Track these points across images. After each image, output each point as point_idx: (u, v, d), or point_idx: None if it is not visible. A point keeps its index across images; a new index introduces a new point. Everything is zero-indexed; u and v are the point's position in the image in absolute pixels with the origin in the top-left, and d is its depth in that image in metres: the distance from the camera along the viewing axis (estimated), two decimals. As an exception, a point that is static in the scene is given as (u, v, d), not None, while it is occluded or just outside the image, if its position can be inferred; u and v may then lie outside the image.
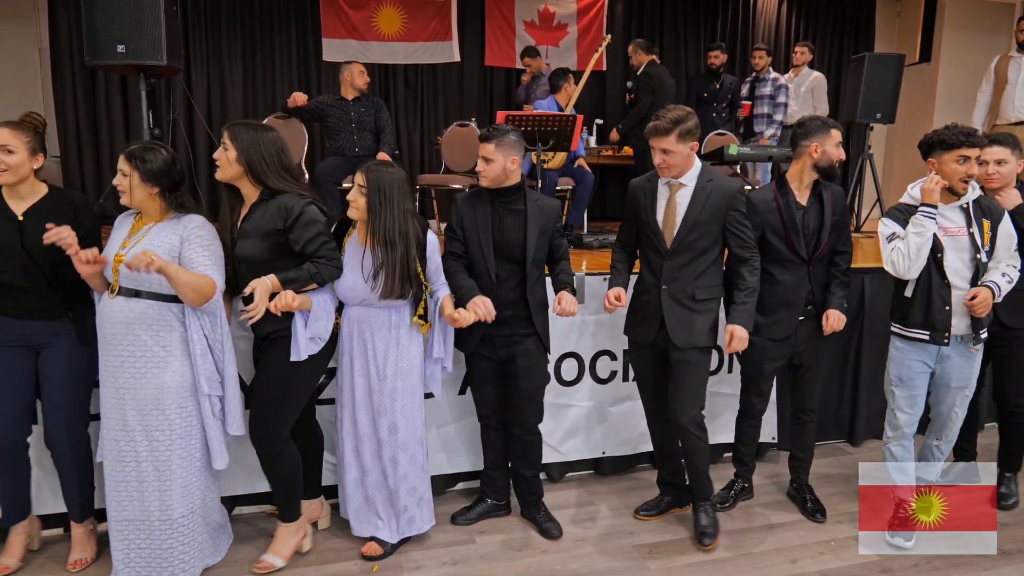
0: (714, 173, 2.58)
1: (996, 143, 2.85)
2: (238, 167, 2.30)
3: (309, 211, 2.32)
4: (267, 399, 2.40)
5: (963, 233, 2.55)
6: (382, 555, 2.59)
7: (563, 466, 3.30)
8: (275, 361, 2.37)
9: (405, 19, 6.86)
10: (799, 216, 2.67)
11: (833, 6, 8.01)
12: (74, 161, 6.18)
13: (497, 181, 2.56)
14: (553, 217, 2.64)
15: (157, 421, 2.23)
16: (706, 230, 2.53)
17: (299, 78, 6.72)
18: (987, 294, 2.51)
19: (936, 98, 7.63)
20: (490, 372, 2.71)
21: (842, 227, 2.74)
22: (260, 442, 2.42)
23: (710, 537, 2.70)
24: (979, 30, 7.58)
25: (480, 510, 2.90)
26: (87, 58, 3.55)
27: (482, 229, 2.58)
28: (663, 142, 2.46)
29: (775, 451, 3.53)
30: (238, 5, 6.44)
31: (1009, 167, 2.84)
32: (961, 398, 2.71)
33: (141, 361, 2.21)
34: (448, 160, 5.37)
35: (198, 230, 2.26)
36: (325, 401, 2.88)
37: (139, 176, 2.19)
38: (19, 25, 6.16)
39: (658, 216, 2.57)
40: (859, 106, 5.26)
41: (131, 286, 2.19)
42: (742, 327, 2.55)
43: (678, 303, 2.57)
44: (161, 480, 2.26)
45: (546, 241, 2.64)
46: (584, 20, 7.31)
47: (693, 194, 2.53)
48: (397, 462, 2.55)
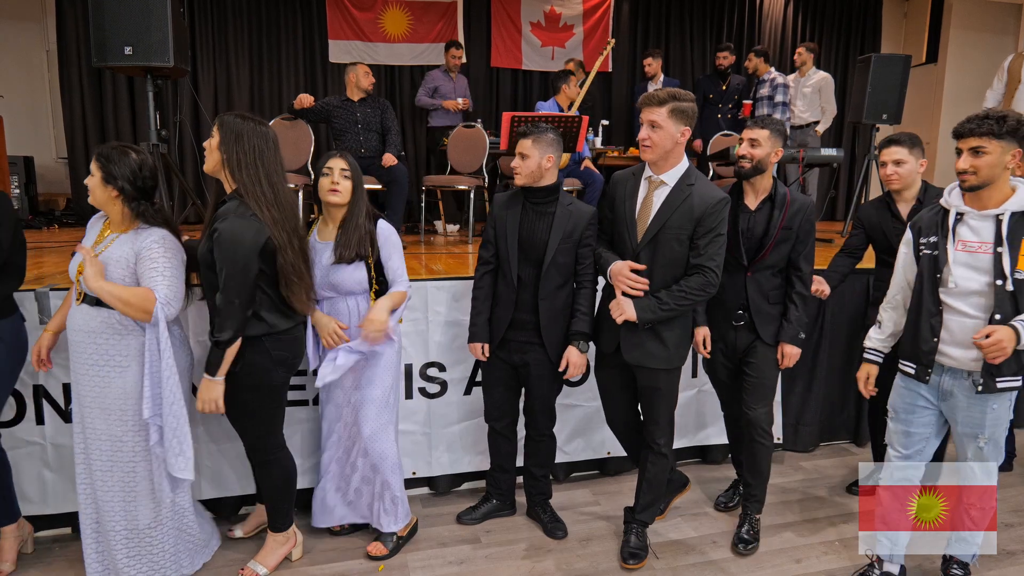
0: (700, 178, 2.37)
1: (894, 143, 2.80)
2: (217, 155, 2.19)
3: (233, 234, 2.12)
4: (247, 414, 2.35)
5: (985, 251, 2.05)
6: (387, 555, 2.61)
7: (568, 466, 3.31)
8: (232, 383, 2.25)
9: (411, 20, 6.88)
10: (744, 219, 2.59)
11: (839, 7, 7.99)
12: (81, 162, 6.21)
13: (532, 178, 2.51)
14: (583, 223, 2.51)
15: (121, 429, 2.19)
16: (675, 236, 2.31)
17: (305, 79, 6.75)
18: (1007, 336, 1.94)
19: (943, 99, 7.61)
20: (502, 375, 2.70)
21: (801, 241, 2.57)
22: (251, 453, 2.42)
23: (637, 558, 2.58)
24: (986, 30, 7.56)
25: (485, 509, 2.90)
26: (94, 59, 3.57)
27: (510, 228, 2.57)
28: (653, 113, 2.26)
29: (779, 451, 3.53)
30: (244, 7, 6.47)
31: (908, 167, 2.79)
32: (974, 449, 2.21)
33: (105, 369, 2.16)
34: (454, 161, 5.38)
35: (153, 244, 2.14)
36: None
37: (101, 176, 2.12)
38: (27, 27, 6.20)
39: (635, 212, 2.39)
40: (865, 107, 5.25)
41: (94, 294, 2.14)
42: (634, 308, 2.32)
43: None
44: (127, 490, 2.23)
45: (572, 247, 2.52)
46: (590, 21, 7.31)
47: (670, 194, 2.34)
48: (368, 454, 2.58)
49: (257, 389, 2.30)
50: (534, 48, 7.24)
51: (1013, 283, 2.01)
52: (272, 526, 2.53)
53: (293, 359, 2.38)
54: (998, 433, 2.18)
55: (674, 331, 2.42)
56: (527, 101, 7.25)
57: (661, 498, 2.71)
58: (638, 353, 2.42)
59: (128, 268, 2.13)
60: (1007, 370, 2.07)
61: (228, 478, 2.84)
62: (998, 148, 2.00)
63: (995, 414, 2.14)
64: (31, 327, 2.53)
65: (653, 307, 2.33)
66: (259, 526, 2.73)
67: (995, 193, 2.04)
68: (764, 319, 2.62)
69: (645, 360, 2.42)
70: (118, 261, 2.13)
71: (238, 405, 2.31)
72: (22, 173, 5.73)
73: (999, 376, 2.08)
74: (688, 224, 2.31)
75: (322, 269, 2.46)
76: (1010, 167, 2.03)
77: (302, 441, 2.91)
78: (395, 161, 4.56)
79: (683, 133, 2.30)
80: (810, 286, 2.66)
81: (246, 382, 2.26)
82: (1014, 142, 2.00)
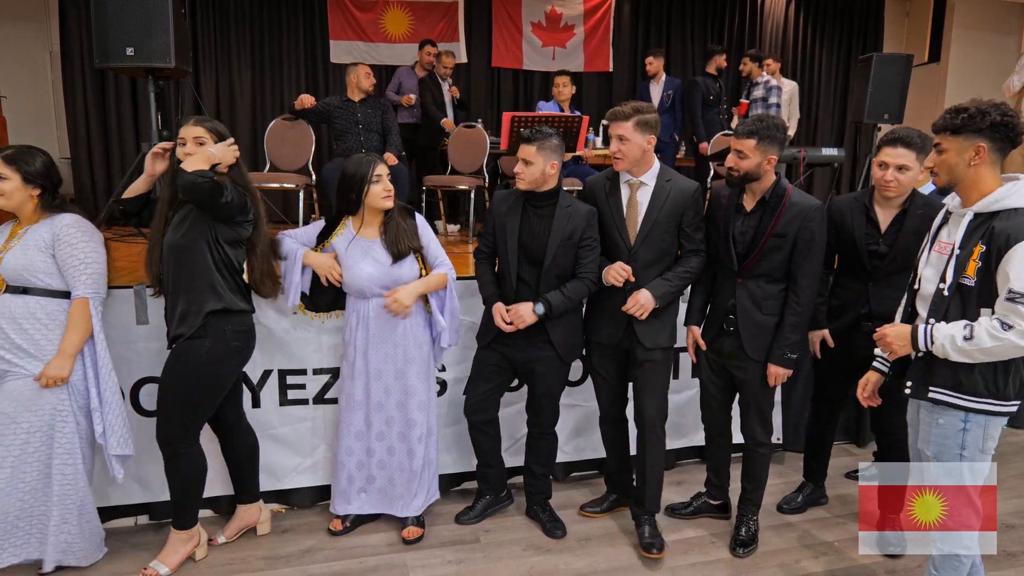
0: (673, 173, 2.56)
1: (901, 143, 2.41)
2: None
3: None
4: (170, 401, 2.35)
5: (947, 252, 1.90)
6: (420, 537, 2.73)
7: (567, 466, 3.31)
8: (180, 362, 2.32)
9: (412, 21, 6.89)
10: (736, 222, 2.48)
11: (841, 6, 7.98)
12: (84, 163, 6.24)
13: (535, 184, 2.53)
14: (582, 223, 2.54)
15: (39, 419, 2.27)
16: (666, 229, 2.51)
17: (306, 80, 6.77)
18: (894, 333, 1.93)
19: (945, 98, 7.59)
20: (495, 369, 2.72)
21: (799, 250, 2.41)
22: (162, 443, 2.38)
23: (658, 548, 2.62)
24: (988, 30, 7.55)
25: (482, 506, 2.92)
26: (96, 60, 3.59)
27: (510, 230, 2.59)
28: (620, 127, 2.42)
29: (780, 452, 3.52)
30: (246, 8, 6.49)
31: (910, 175, 2.44)
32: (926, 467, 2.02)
33: (27, 358, 2.25)
34: (455, 161, 5.38)
35: (69, 228, 2.27)
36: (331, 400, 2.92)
37: (21, 179, 2.23)
38: (30, 28, 6.23)
39: (623, 215, 2.53)
40: (867, 106, 5.24)
41: (18, 284, 2.25)
42: (649, 294, 2.47)
43: None
44: (43, 481, 2.30)
45: (572, 248, 2.55)
46: (591, 21, 7.32)
47: (653, 193, 2.50)
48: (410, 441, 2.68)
49: (205, 377, 2.33)
50: (535, 48, 7.25)
51: (950, 288, 1.84)
52: (176, 523, 2.49)
53: (246, 351, 2.46)
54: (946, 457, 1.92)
55: (674, 314, 2.63)
56: (528, 101, 7.26)
57: (661, 484, 2.72)
58: (654, 337, 2.56)
59: (47, 251, 2.25)
60: (940, 380, 1.88)
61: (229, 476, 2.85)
62: (955, 144, 1.82)
63: (941, 431, 1.91)
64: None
65: (663, 286, 2.50)
66: (242, 529, 2.73)
67: (973, 192, 1.84)
68: (752, 330, 2.49)
69: (661, 341, 2.57)
70: (36, 245, 2.24)
71: (180, 388, 2.32)
72: (25, 173, 5.75)
73: (931, 384, 1.90)
74: (675, 215, 2.51)
75: (379, 268, 2.55)
76: (974, 164, 1.81)
77: (298, 439, 2.92)
78: (396, 161, 4.57)
79: (649, 141, 2.47)
80: (807, 301, 2.45)
81: (200, 368, 2.30)
82: (976, 136, 1.79)
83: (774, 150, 2.39)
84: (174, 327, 2.32)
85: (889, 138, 2.46)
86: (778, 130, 2.38)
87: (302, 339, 2.86)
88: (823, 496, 3.08)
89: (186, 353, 2.30)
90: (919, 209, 2.48)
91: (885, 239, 2.54)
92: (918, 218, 2.47)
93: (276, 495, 2.96)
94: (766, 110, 5.89)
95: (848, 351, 2.66)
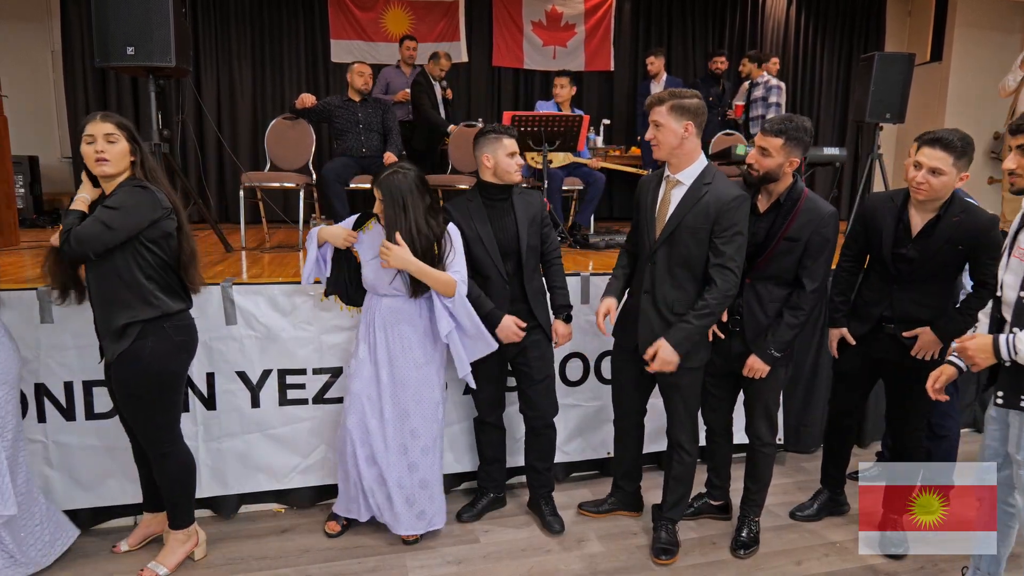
0: (719, 177, 2.36)
1: (940, 144, 2.24)
2: (128, 160, 2.26)
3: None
4: (135, 410, 2.31)
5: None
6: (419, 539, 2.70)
7: (568, 466, 3.31)
8: (128, 371, 2.23)
9: (413, 20, 6.88)
10: (750, 223, 2.40)
11: (842, 5, 7.96)
12: (85, 162, 6.23)
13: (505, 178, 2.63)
14: (537, 205, 2.68)
15: None
16: (693, 235, 2.33)
17: (307, 79, 6.75)
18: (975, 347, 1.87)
19: (947, 97, 7.56)
20: (495, 370, 2.74)
21: (809, 255, 2.37)
22: (147, 446, 2.36)
23: (668, 554, 2.61)
24: (991, 28, 7.52)
25: (484, 504, 2.93)
26: (97, 60, 3.58)
27: (482, 230, 2.59)
28: (655, 113, 2.34)
29: (781, 452, 3.51)
30: (247, 7, 6.48)
31: (944, 180, 2.26)
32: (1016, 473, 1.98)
33: None
34: (455, 161, 5.37)
35: None
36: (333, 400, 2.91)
37: None
38: (31, 27, 6.22)
39: (654, 211, 2.43)
40: (868, 106, 5.22)
41: None
42: (670, 346, 2.33)
43: (656, 312, 2.42)
44: None
45: (537, 230, 2.66)
46: (592, 20, 7.30)
47: (686, 193, 2.35)
48: (407, 451, 2.61)
49: (159, 376, 2.27)
50: (535, 47, 7.23)
51: None
52: (172, 523, 2.48)
53: (191, 344, 2.39)
54: None
55: None
56: (528, 100, 7.24)
57: (688, 495, 2.71)
58: None
59: None
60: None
61: (228, 476, 2.85)
62: None
63: None
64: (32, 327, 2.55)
65: (680, 330, 2.34)
66: (146, 538, 2.65)
67: None
68: (757, 332, 2.47)
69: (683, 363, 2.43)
70: None
71: (138, 396, 2.27)
72: (27, 173, 5.76)
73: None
74: (705, 223, 2.32)
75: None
76: None
77: (298, 439, 2.92)
78: (396, 160, 4.56)
79: (686, 128, 2.31)
80: (809, 305, 2.41)
81: (150, 369, 2.23)
82: None
83: (798, 152, 2.34)
84: (109, 344, 2.22)
85: (928, 138, 2.29)
86: (806, 132, 2.33)
87: (302, 339, 2.85)
88: (844, 504, 2.99)
89: (131, 360, 2.21)
90: (955, 216, 2.33)
91: (915, 244, 2.41)
92: (953, 225, 2.33)
93: (276, 495, 2.96)
94: (766, 110, 5.88)
95: (867, 352, 2.62)
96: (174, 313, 2.28)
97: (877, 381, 2.75)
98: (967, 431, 3.98)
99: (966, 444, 3.77)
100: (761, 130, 2.39)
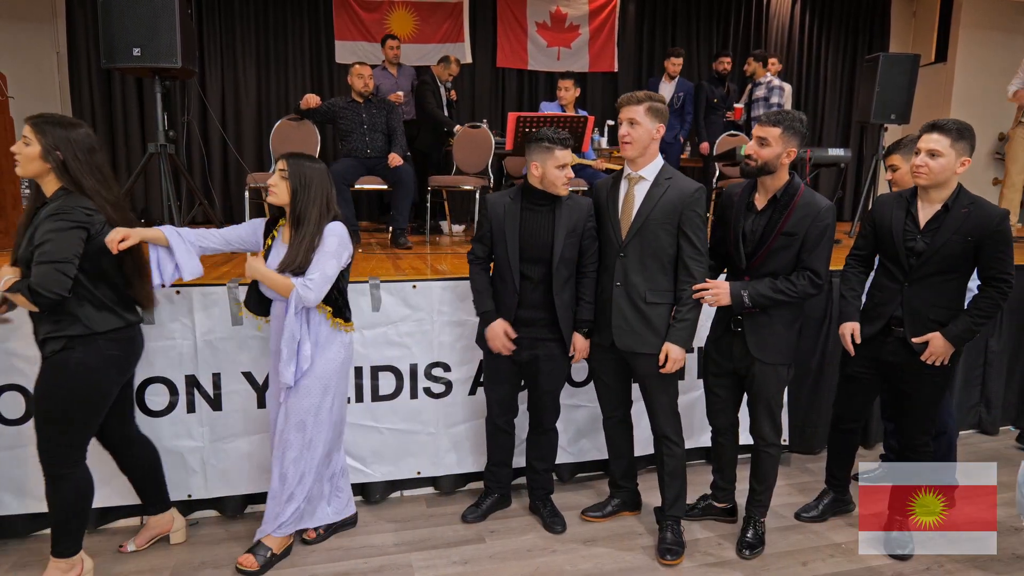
0: (676, 173, 2.51)
1: (936, 128, 2.35)
2: (43, 164, 2.06)
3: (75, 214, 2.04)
4: (45, 420, 2.13)
5: None
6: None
7: (573, 467, 3.30)
8: (49, 378, 2.11)
9: (417, 21, 6.89)
10: (748, 220, 2.49)
11: (847, 6, 7.95)
12: (91, 163, 6.25)
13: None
14: (584, 215, 2.57)
15: None
16: (661, 227, 2.43)
17: (312, 80, 6.78)
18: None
19: (952, 98, 7.55)
20: (509, 373, 2.73)
21: (807, 247, 2.40)
22: (43, 462, 2.15)
23: (674, 554, 2.60)
24: (996, 29, 7.51)
25: (489, 504, 2.93)
26: (103, 61, 3.60)
27: (509, 229, 2.58)
28: (632, 111, 2.42)
29: (786, 453, 3.51)
30: (252, 8, 6.50)
31: (942, 162, 2.34)
32: None
33: None
34: (459, 161, 5.38)
35: None
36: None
37: None
38: (37, 29, 6.25)
39: (618, 211, 2.51)
40: (873, 106, 5.22)
41: None
42: (678, 347, 2.44)
43: (630, 302, 2.49)
44: None
45: (576, 241, 2.57)
46: (596, 21, 7.31)
47: (650, 188, 2.46)
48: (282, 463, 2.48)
49: (84, 391, 2.12)
50: (540, 48, 7.24)
51: None
52: (56, 550, 2.21)
53: (127, 359, 2.25)
54: None
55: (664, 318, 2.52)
56: (533, 101, 7.26)
57: (685, 489, 2.71)
58: (632, 340, 2.51)
59: None
60: None
61: (234, 476, 2.86)
62: None
63: None
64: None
65: (680, 329, 2.46)
66: (153, 538, 2.63)
67: None
68: (758, 331, 2.50)
69: (637, 346, 2.50)
70: None
71: (52, 405, 2.11)
72: (32, 174, 5.77)
73: None
74: (673, 215, 2.44)
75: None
76: None
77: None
78: (401, 161, 4.57)
79: (658, 130, 2.46)
80: (801, 290, 2.41)
81: (74, 382, 2.10)
82: None
83: (795, 143, 2.40)
84: (40, 349, 2.12)
85: (925, 125, 2.42)
86: (802, 124, 2.42)
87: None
88: (850, 504, 2.99)
89: (55, 367, 2.09)
90: (964, 207, 2.36)
91: (924, 236, 2.42)
92: (962, 217, 2.36)
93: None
94: (768, 109, 5.89)
95: (876, 356, 2.61)
96: (105, 332, 2.13)
97: (883, 386, 2.74)
98: (970, 432, 3.98)
99: (969, 445, 3.78)
100: (758, 122, 2.46)
